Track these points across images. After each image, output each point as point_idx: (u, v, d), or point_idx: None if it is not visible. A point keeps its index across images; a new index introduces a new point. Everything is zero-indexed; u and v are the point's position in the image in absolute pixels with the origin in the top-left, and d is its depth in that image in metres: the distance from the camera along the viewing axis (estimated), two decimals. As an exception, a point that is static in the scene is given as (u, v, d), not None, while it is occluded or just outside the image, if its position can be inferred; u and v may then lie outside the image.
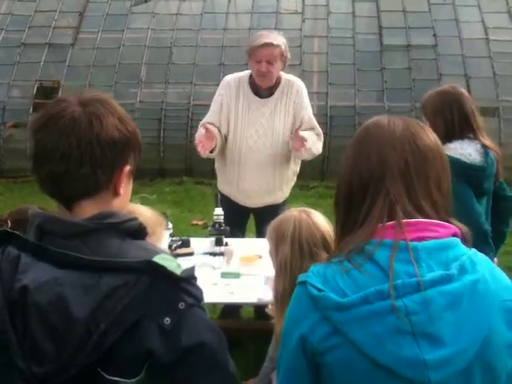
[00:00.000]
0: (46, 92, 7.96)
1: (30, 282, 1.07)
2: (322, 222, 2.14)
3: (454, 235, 1.15)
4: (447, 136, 2.64)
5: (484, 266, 1.12)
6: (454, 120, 2.68)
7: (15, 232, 1.15)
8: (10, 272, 1.09)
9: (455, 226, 1.16)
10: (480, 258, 1.14)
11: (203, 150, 3.33)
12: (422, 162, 1.17)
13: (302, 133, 3.37)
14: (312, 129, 3.55)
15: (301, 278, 1.17)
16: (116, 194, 1.20)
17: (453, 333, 1.04)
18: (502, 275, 1.16)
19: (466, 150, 2.62)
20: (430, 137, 1.21)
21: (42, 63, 8.18)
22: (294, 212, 2.18)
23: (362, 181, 1.18)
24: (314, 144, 3.50)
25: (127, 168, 1.20)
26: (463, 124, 2.69)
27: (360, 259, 1.11)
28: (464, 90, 2.82)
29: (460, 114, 2.69)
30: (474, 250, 1.16)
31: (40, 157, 1.16)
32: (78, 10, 8.65)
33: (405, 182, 1.15)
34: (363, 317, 1.06)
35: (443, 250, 1.11)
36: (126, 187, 1.22)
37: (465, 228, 1.19)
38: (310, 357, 1.12)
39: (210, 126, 3.39)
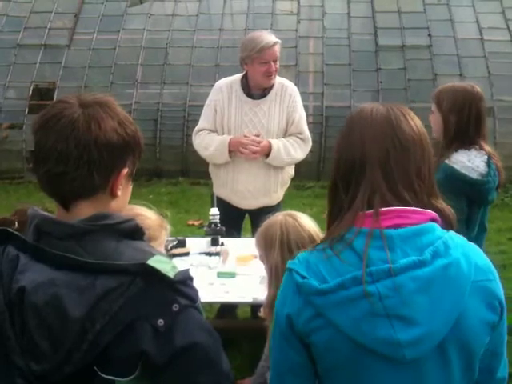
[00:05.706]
0: (42, 93, 7.96)
1: (28, 283, 1.08)
2: (309, 223, 2.15)
3: (432, 220, 1.21)
4: (456, 135, 2.58)
5: (458, 248, 1.17)
6: (469, 121, 2.59)
7: (15, 232, 1.16)
8: (10, 272, 1.11)
9: (436, 210, 1.22)
10: (456, 240, 1.19)
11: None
12: (402, 153, 1.22)
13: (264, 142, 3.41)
14: (299, 133, 3.57)
15: (289, 264, 1.26)
16: (113, 195, 1.21)
17: (426, 314, 1.11)
18: (478, 256, 1.22)
19: (473, 163, 2.57)
20: (413, 126, 1.25)
21: (37, 64, 8.16)
22: (278, 216, 2.19)
23: (346, 169, 1.25)
24: (288, 152, 3.50)
25: (125, 170, 1.21)
26: (476, 128, 2.60)
27: (340, 247, 1.18)
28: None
29: (477, 118, 2.60)
30: (451, 232, 1.21)
31: (39, 156, 1.17)
32: (74, 11, 8.63)
33: (384, 171, 1.21)
34: (340, 301, 1.13)
35: (418, 235, 1.17)
36: (124, 189, 1.23)
37: (449, 210, 1.26)
38: (298, 336, 1.21)
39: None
